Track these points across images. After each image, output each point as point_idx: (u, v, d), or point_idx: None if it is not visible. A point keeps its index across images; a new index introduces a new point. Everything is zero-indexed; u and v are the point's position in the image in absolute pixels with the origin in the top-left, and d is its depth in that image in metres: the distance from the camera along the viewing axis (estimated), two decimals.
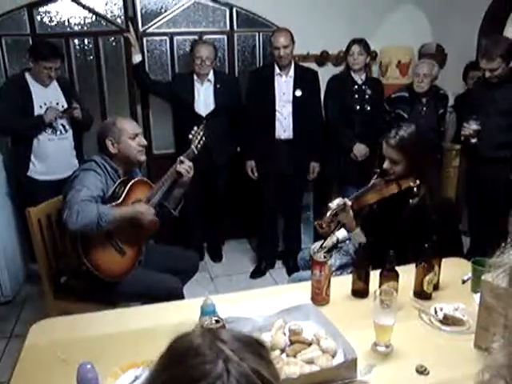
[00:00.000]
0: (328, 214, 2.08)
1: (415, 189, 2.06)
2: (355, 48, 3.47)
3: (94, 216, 2.04)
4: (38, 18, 3.52)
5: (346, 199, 2.11)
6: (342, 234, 2.20)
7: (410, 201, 2.08)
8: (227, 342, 0.71)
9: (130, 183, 2.27)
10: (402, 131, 2.09)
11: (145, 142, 2.37)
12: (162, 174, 2.42)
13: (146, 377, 0.73)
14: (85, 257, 2.14)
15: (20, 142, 3.16)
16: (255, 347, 0.73)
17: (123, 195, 2.22)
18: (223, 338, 0.71)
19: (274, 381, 0.70)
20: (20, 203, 3.38)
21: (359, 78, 3.56)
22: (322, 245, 2.17)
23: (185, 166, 2.38)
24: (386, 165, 2.12)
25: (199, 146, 2.47)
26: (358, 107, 3.52)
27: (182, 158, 2.40)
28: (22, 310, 3.19)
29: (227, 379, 0.65)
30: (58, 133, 3.14)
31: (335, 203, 2.09)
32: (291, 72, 3.42)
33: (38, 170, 3.17)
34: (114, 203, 2.18)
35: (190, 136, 2.47)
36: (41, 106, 3.06)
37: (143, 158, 2.36)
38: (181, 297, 2.30)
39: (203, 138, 2.48)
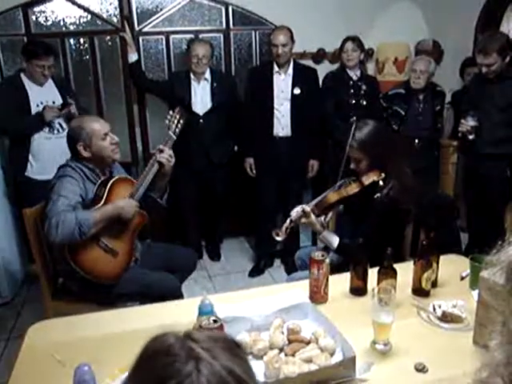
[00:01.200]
0: (286, 223, 2.16)
1: (381, 182, 2.12)
2: (349, 45, 3.50)
3: (74, 225, 2.00)
4: (33, 17, 3.51)
5: (304, 206, 2.17)
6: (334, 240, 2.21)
7: (378, 195, 2.12)
8: (199, 341, 0.70)
9: (110, 183, 2.22)
10: (358, 131, 2.16)
11: (116, 139, 2.28)
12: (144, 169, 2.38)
13: (123, 379, 0.73)
14: (75, 264, 2.12)
15: (18, 142, 3.15)
16: (228, 346, 0.72)
17: (104, 196, 2.17)
18: (195, 338, 0.71)
19: (248, 379, 0.69)
20: (18, 204, 3.37)
21: (354, 74, 3.57)
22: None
23: (165, 155, 2.31)
24: (352, 165, 2.19)
25: (177, 130, 2.38)
26: (353, 101, 3.53)
27: (161, 146, 2.34)
28: (21, 311, 3.18)
29: (197, 378, 0.65)
30: (55, 131, 3.13)
31: (294, 212, 2.18)
32: (290, 70, 3.41)
33: (35, 169, 3.16)
34: (96, 206, 2.14)
35: (167, 121, 2.38)
36: (37, 105, 3.06)
37: (118, 156, 2.30)
38: (179, 295, 2.29)
39: (181, 121, 2.39)
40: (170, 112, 2.42)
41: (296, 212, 2.17)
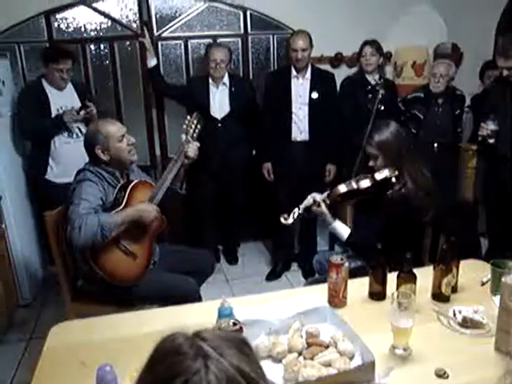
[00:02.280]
0: (295, 209, 2.22)
1: (393, 179, 2.14)
2: (367, 49, 3.48)
3: (97, 227, 2.03)
4: (55, 24, 3.57)
5: (315, 194, 2.24)
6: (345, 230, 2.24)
7: (389, 191, 2.15)
8: (208, 339, 0.72)
9: (130, 186, 2.25)
10: (378, 131, 2.22)
11: (133, 140, 2.31)
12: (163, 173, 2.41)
13: (136, 379, 0.74)
14: (97, 267, 2.14)
15: (39, 146, 3.22)
16: (237, 344, 0.73)
17: (124, 200, 2.20)
18: (204, 336, 0.72)
19: (256, 376, 0.70)
20: (38, 207, 3.44)
21: (372, 78, 3.55)
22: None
23: (194, 147, 2.39)
24: (370, 163, 2.24)
25: (195, 135, 2.42)
26: (371, 107, 3.51)
27: (188, 137, 2.39)
28: (41, 313, 3.23)
29: (205, 375, 0.66)
30: (75, 136, 3.18)
31: (304, 202, 2.24)
32: (308, 74, 3.41)
33: (55, 172, 3.22)
34: (116, 210, 2.17)
35: (184, 126, 2.42)
36: (58, 110, 3.12)
37: (135, 157, 2.33)
38: (198, 298, 2.31)
39: (198, 127, 2.42)
40: (188, 117, 2.46)
41: (307, 200, 2.23)
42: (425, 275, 1.83)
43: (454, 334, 1.61)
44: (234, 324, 1.37)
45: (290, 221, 2.21)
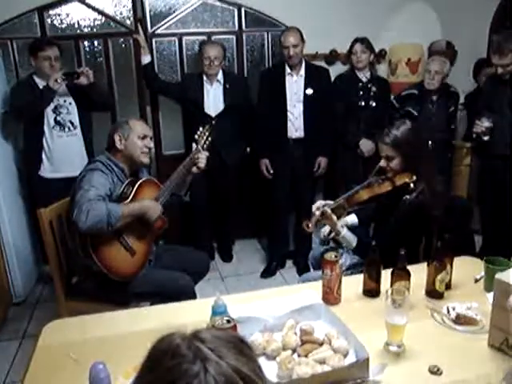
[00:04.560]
0: (315, 215, 2.11)
1: (412, 184, 2.08)
2: (358, 46, 3.51)
3: (104, 213, 2.04)
4: (49, 20, 3.54)
5: (325, 208, 2.10)
6: (351, 219, 2.21)
7: (407, 196, 2.09)
8: (206, 341, 0.71)
9: (138, 183, 2.29)
10: (394, 129, 2.13)
11: (151, 145, 2.39)
12: (171, 174, 2.43)
13: (132, 381, 0.73)
14: (96, 258, 2.14)
15: (32, 141, 3.19)
16: (236, 345, 0.72)
17: (131, 196, 2.23)
18: (202, 337, 0.71)
19: (255, 377, 0.70)
20: (32, 203, 3.42)
21: (364, 75, 3.57)
22: (330, 231, 2.19)
23: (203, 156, 2.43)
24: (382, 163, 2.16)
25: (205, 146, 2.47)
26: (363, 103, 3.54)
27: (199, 147, 2.43)
28: (35, 311, 3.22)
29: (204, 378, 0.65)
30: (67, 129, 3.16)
31: (315, 209, 2.13)
32: (302, 71, 3.41)
33: (48, 168, 3.20)
34: (122, 203, 2.19)
35: (196, 136, 2.47)
36: (49, 104, 3.08)
37: (146, 160, 2.36)
38: (193, 295, 2.31)
39: (209, 139, 2.48)
40: (200, 128, 2.49)
41: (316, 209, 2.12)
42: (419, 272, 1.83)
43: (448, 331, 1.61)
44: (228, 321, 1.37)
45: (312, 230, 2.15)
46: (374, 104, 3.54)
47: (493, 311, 1.49)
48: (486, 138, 3.10)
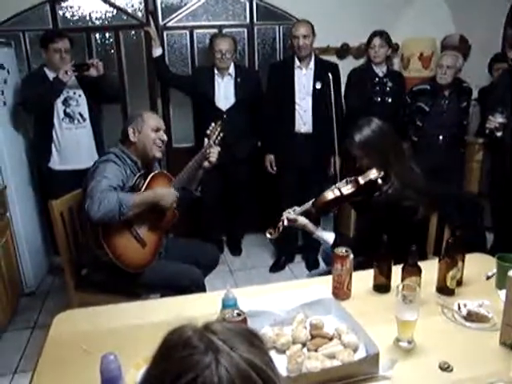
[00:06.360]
0: (280, 227, 2.24)
1: (379, 181, 2.04)
2: (376, 40, 3.45)
3: (115, 203, 2.05)
4: (61, 12, 3.56)
5: (286, 214, 2.25)
6: (327, 236, 2.21)
7: (376, 193, 2.06)
8: (218, 332, 0.71)
9: (151, 175, 2.30)
10: (357, 130, 2.10)
11: (165, 138, 2.38)
12: (181, 167, 2.44)
13: (143, 373, 0.73)
14: (107, 248, 2.16)
15: (41, 133, 3.21)
16: (247, 337, 0.72)
17: (143, 187, 2.24)
18: (214, 329, 0.71)
19: (267, 369, 0.69)
20: (42, 195, 3.44)
21: (380, 70, 3.52)
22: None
23: (215, 151, 2.44)
24: (357, 164, 2.12)
25: (217, 141, 2.47)
26: (378, 99, 3.49)
27: (211, 142, 2.45)
28: (45, 301, 3.25)
29: (216, 369, 0.65)
30: (76, 121, 3.17)
31: (280, 223, 2.24)
32: (311, 65, 3.39)
33: (57, 160, 3.22)
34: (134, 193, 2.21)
35: (208, 131, 2.48)
36: (59, 96, 3.08)
37: (159, 154, 2.36)
38: (202, 288, 2.32)
39: (220, 134, 2.48)
40: (212, 124, 2.49)
41: (282, 220, 2.24)
42: (430, 268, 1.81)
43: (459, 328, 1.60)
44: (238, 314, 1.37)
45: (275, 236, 2.26)
46: (389, 100, 3.49)
47: (505, 309, 1.47)
48: (499, 134, 3.06)
